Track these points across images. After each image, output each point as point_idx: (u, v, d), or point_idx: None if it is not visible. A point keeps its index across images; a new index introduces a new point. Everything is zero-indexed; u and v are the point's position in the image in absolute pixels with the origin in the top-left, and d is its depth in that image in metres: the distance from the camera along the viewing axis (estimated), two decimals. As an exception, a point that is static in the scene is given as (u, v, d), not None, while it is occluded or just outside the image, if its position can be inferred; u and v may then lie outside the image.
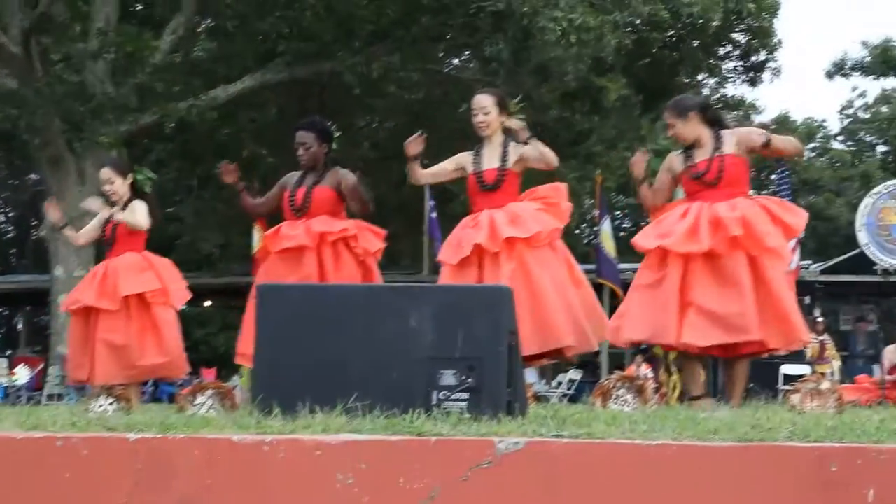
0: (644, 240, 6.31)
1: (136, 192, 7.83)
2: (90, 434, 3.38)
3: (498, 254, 6.43)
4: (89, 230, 7.94)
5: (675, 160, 6.49)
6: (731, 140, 6.34)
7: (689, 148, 6.41)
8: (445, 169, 6.99)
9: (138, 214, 7.63)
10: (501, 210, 6.61)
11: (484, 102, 6.80)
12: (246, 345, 7.05)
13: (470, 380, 3.78)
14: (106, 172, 7.84)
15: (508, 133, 6.82)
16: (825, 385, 4.79)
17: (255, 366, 4.10)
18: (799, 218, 6.37)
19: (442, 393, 3.79)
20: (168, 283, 7.62)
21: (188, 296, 7.83)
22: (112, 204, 7.80)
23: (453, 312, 3.88)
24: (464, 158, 6.90)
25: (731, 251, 6.02)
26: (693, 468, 3.05)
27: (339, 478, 3.13)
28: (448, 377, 3.80)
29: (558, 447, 3.14)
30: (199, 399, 4.93)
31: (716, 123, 6.42)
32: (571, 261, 6.74)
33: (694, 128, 6.37)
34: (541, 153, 6.63)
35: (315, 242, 6.94)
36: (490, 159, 6.75)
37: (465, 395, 3.78)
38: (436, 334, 3.85)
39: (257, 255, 7.37)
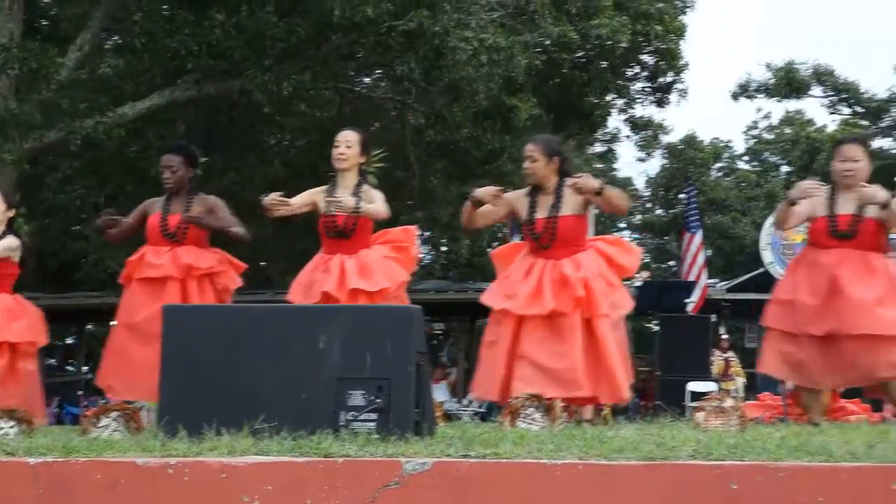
0: (491, 299, 6.44)
1: (12, 229, 7.48)
2: (-10, 458, 3.32)
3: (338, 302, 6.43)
4: None
5: (520, 203, 6.53)
6: (569, 196, 6.41)
7: (535, 193, 6.49)
8: (299, 203, 6.87)
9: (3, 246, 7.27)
10: (353, 258, 6.63)
11: (349, 137, 6.86)
12: (107, 376, 6.90)
13: (378, 400, 3.78)
14: None
15: (363, 176, 6.83)
16: (728, 403, 4.86)
17: (160, 387, 4.05)
18: (634, 258, 6.59)
19: (350, 413, 3.79)
20: (38, 336, 7.36)
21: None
22: None
23: (362, 333, 3.88)
24: (317, 196, 6.85)
25: (573, 310, 6.19)
26: (598, 487, 3.09)
27: (245, 500, 3.11)
28: (357, 398, 3.80)
29: (465, 467, 3.16)
30: (104, 421, 4.84)
31: (564, 174, 6.51)
32: None
33: (550, 172, 6.48)
34: (378, 207, 6.67)
35: (182, 274, 6.87)
36: None
37: (373, 416, 3.78)
38: (344, 355, 3.85)
39: (121, 280, 7.16)
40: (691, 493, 3.04)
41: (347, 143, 6.81)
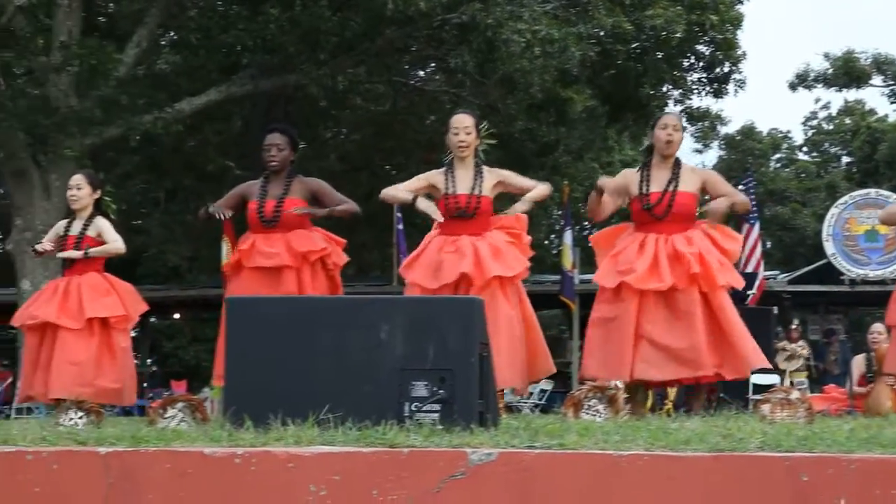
0: (605, 278, 6.33)
1: (100, 210, 7.65)
2: (60, 448, 3.36)
3: (472, 285, 6.37)
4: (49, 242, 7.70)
5: (632, 179, 6.46)
6: (690, 176, 6.39)
7: (648, 168, 6.42)
8: (416, 186, 6.78)
9: (112, 236, 7.45)
10: (483, 240, 6.53)
11: (467, 122, 6.70)
12: (223, 366, 6.92)
13: (442, 391, 3.78)
14: (78, 178, 7.64)
15: (479, 156, 6.78)
16: (795, 395, 4.82)
17: (225, 378, 4.08)
18: (737, 244, 6.54)
19: (414, 404, 3.79)
20: (129, 309, 7.48)
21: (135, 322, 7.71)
22: (70, 213, 7.64)
23: (424, 324, 3.88)
24: (435, 177, 6.75)
25: (689, 286, 6.11)
26: (665, 478, 3.06)
27: (312, 489, 3.12)
28: (420, 388, 3.81)
29: (531, 458, 3.15)
30: (170, 412, 4.90)
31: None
32: (525, 298, 6.70)
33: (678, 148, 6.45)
34: (521, 184, 6.71)
35: (298, 262, 6.81)
36: (462, 183, 6.64)
37: (437, 407, 3.78)
38: (407, 346, 3.85)
39: (225, 268, 7.15)
40: (760, 485, 3.01)
41: (467, 130, 6.67)
